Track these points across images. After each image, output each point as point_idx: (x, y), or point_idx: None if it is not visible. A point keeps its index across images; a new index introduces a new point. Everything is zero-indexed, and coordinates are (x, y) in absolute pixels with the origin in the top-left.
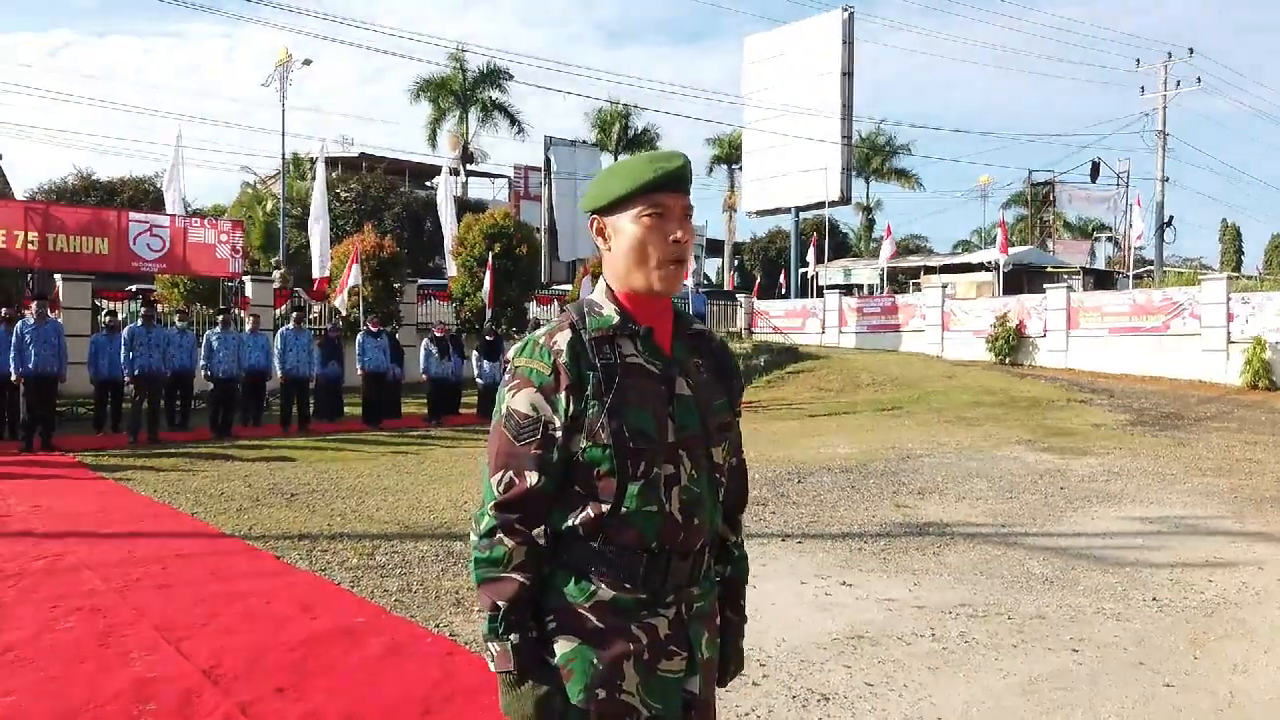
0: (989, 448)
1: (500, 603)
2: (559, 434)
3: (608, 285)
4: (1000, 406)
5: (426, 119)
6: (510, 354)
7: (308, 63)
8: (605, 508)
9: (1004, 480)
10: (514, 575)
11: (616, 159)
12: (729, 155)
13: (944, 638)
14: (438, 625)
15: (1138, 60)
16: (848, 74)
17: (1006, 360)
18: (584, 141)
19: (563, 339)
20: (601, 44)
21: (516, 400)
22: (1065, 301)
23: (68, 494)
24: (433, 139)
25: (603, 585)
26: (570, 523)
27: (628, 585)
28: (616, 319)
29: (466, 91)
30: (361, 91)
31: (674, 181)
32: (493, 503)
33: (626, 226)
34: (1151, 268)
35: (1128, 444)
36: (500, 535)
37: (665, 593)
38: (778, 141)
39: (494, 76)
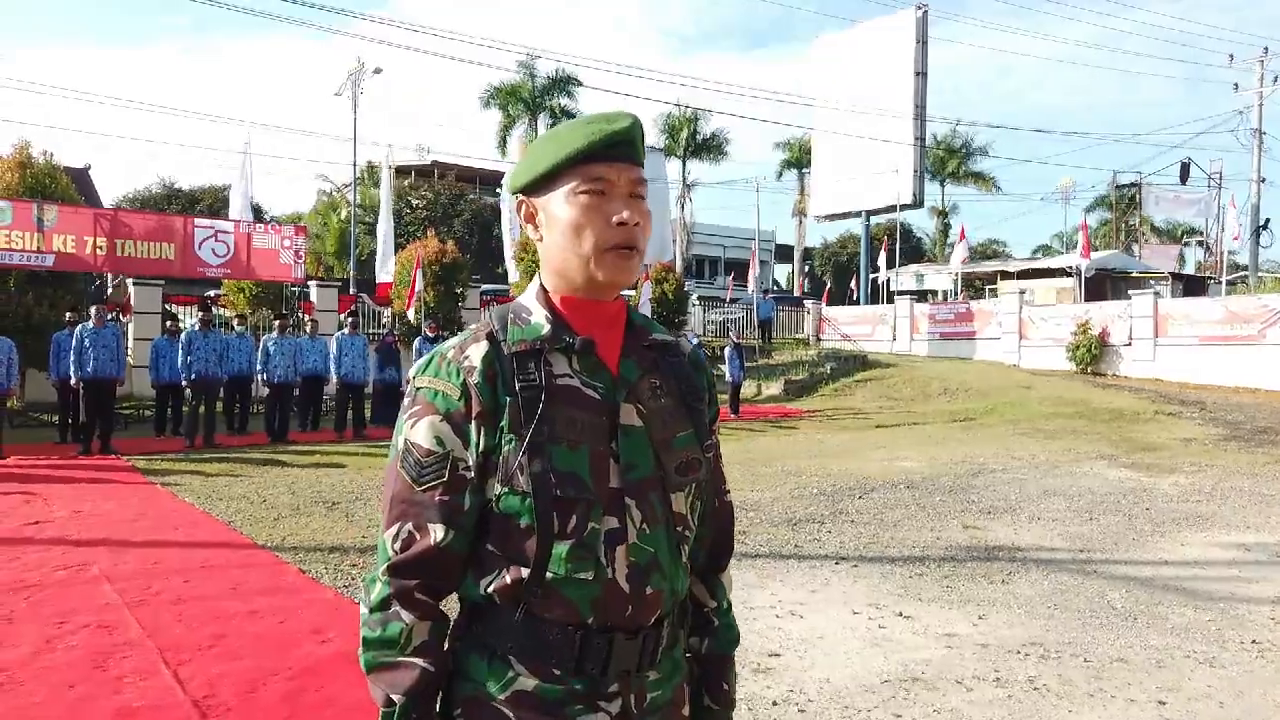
0: (1067, 463)
1: (396, 696)
2: (471, 475)
3: (540, 285)
4: (1080, 418)
5: (497, 126)
6: (412, 371)
7: (378, 71)
8: (525, 573)
9: (1082, 499)
10: (414, 660)
11: (685, 166)
12: (799, 159)
13: (1009, 683)
14: None
15: (1231, 56)
16: (921, 74)
17: (1088, 370)
18: (652, 147)
19: (476, 352)
20: (673, 50)
21: (417, 431)
22: (1152, 308)
23: (110, 499)
24: (503, 146)
25: (524, 671)
26: (484, 591)
27: (556, 672)
28: (547, 328)
29: (536, 98)
30: (438, 99)
31: (616, 148)
32: (386, 564)
33: (558, 208)
34: (1245, 273)
35: (1220, 461)
36: (396, 607)
37: (607, 681)
38: (848, 144)
39: (563, 83)
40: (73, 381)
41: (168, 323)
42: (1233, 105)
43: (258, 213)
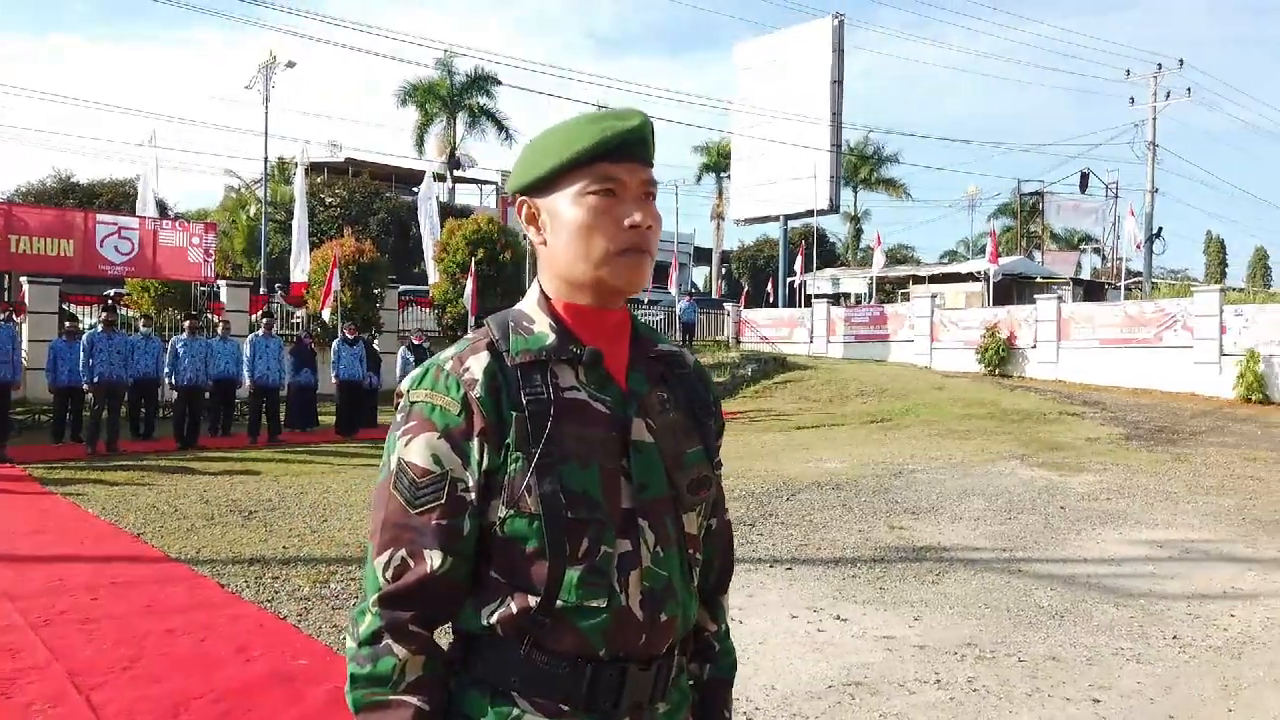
0: (982, 462)
1: None
2: (472, 496)
3: (542, 292)
4: (991, 419)
5: (414, 124)
6: (405, 384)
7: (291, 65)
8: (534, 601)
9: (1001, 498)
10: (407, 698)
11: None
12: (718, 163)
13: (950, 684)
14: None
15: (1128, 71)
16: (838, 82)
17: (996, 371)
18: None
19: (478, 364)
20: (594, 54)
21: (412, 449)
22: (1056, 312)
23: (6, 511)
24: (420, 144)
25: (529, 709)
26: (486, 621)
27: (565, 707)
28: (552, 338)
29: (454, 97)
30: (353, 96)
31: (628, 147)
32: (377, 595)
33: (565, 210)
34: (1139, 279)
35: (1124, 459)
36: (388, 641)
37: (619, 715)
38: (767, 149)
39: (482, 82)
40: None
41: (66, 323)
42: (1129, 118)
43: (162, 209)
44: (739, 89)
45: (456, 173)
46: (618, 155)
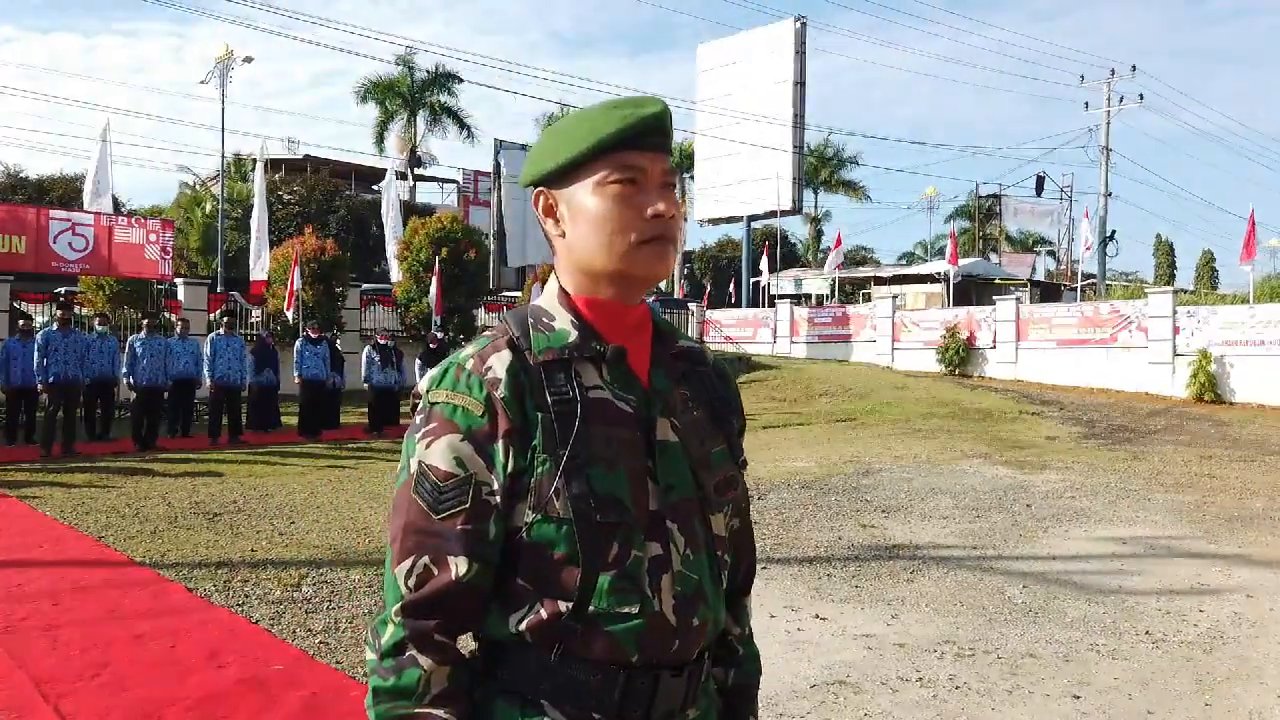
0: (947, 461)
1: None
2: (497, 500)
3: (561, 288)
4: (953, 418)
5: (374, 121)
6: (423, 384)
7: (249, 59)
8: (565, 608)
9: (968, 497)
10: (433, 711)
11: None
12: (681, 164)
13: (932, 682)
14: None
15: (1082, 76)
16: (800, 83)
17: (956, 371)
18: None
19: (500, 363)
20: (557, 53)
21: (434, 452)
22: (1015, 313)
23: None
24: (380, 142)
25: (560, 718)
26: (513, 629)
27: (596, 716)
28: (574, 335)
29: (415, 94)
30: (311, 92)
31: (649, 135)
32: (399, 604)
33: (585, 200)
34: (1093, 281)
35: (1084, 457)
36: (412, 652)
37: None
38: (730, 150)
39: (443, 80)
40: None
41: (19, 321)
42: (1083, 123)
43: (116, 205)
44: (702, 90)
45: (418, 170)
46: (639, 143)
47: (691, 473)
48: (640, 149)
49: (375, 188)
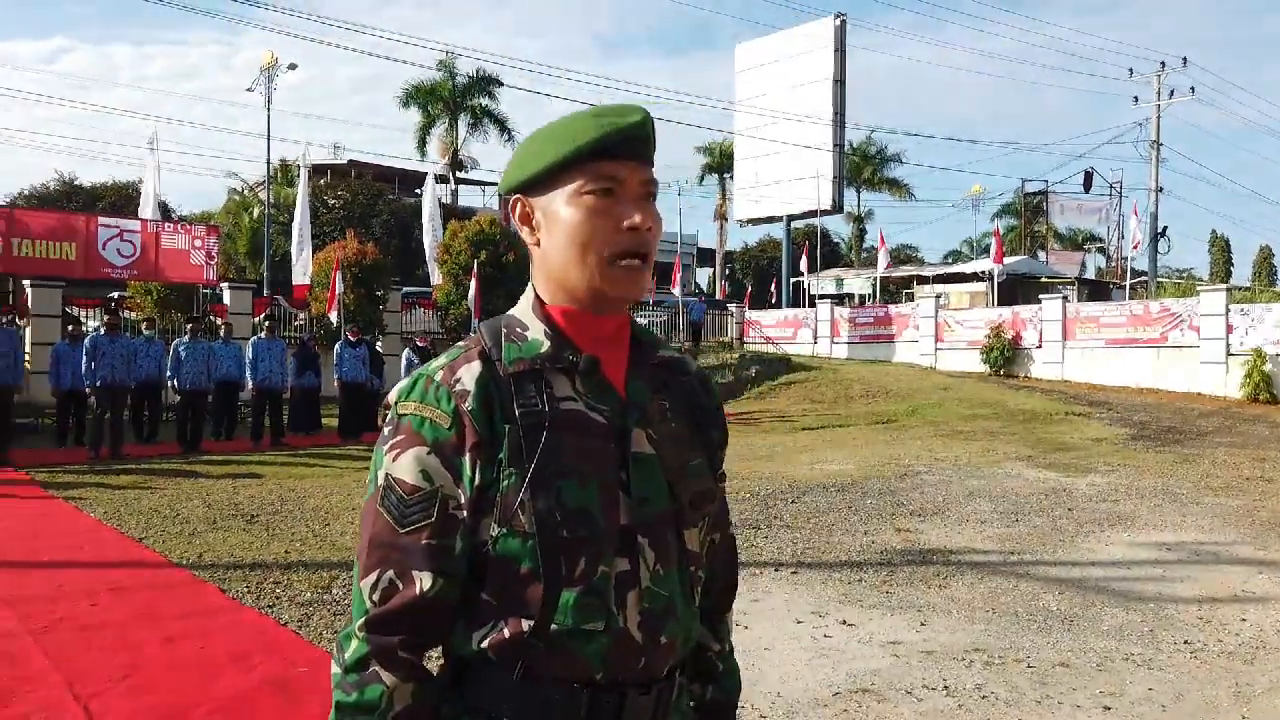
0: (988, 464)
1: None
2: (464, 514)
3: (536, 296)
4: (997, 420)
5: (415, 126)
6: (392, 395)
7: (293, 66)
8: (528, 625)
9: (1007, 500)
10: None
11: None
12: (720, 164)
13: (958, 691)
14: None
15: (1131, 70)
16: (840, 81)
17: (1001, 372)
18: None
19: (469, 375)
20: (598, 56)
21: (400, 465)
22: (1061, 312)
23: (8, 516)
24: (422, 146)
25: None
26: (477, 646)
27: None
28: (547, 345)
29: (456, 98)
30: (356, 98)
31: (629, 144)
32: (363, 619)
33: (560, 210)
34: (1144, 278)
35: (1131, 460)
36: (375, 667)
37: None
38: (769, 149)
39: (484, 84)
40: None
41: (69, 326)
42: (1132, 117)
43: (165, 211)
44: (741, 89)
45: (459, 174)
46: (618, 153)
47: (668, 485)
48: (619, 158)
49: (418, 191)
